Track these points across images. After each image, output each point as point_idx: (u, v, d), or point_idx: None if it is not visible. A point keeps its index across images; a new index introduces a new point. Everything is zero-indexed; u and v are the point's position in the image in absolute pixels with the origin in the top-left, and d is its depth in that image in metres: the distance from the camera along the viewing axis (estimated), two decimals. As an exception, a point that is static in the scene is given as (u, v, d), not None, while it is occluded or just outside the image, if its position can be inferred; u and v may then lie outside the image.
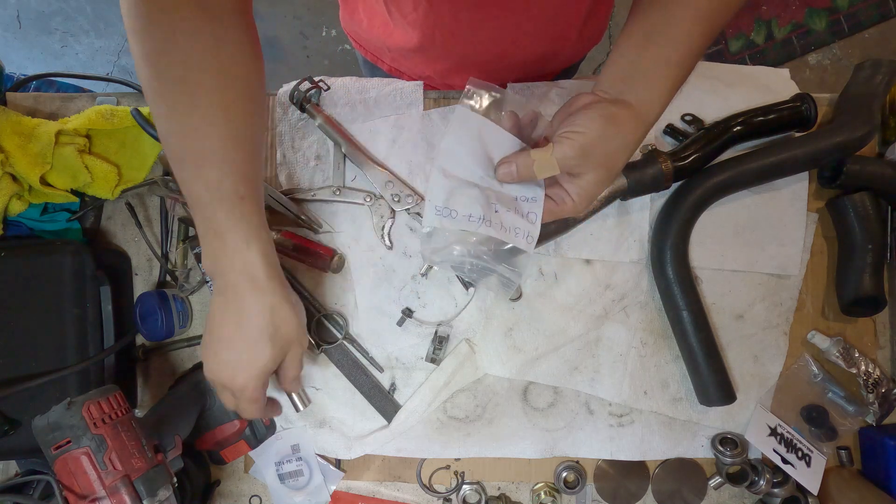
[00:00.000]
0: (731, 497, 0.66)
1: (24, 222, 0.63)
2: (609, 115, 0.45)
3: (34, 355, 0.56)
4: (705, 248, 0.65)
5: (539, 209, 0.52)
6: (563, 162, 0.47)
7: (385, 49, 0.72)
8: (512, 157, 0.50)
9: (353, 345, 0.64)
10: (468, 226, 0.51)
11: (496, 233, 0.51)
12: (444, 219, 0.52)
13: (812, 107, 0.62)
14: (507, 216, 0.52)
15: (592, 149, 0.46)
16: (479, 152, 0.52)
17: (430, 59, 0.69)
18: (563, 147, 0.46)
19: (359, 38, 0.77)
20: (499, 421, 0.64)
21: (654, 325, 0.65)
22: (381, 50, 0.74)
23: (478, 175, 0.53)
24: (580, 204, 0.49)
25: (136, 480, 0.46)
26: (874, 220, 0.63)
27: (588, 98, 0.48)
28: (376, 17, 0.68)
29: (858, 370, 0.64)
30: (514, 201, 0.52)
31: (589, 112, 0.46)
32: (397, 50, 0.70)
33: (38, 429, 0.45)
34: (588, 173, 0.47)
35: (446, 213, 0.52)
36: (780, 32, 1.76)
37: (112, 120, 0.62)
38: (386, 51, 0.72)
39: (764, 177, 0.62)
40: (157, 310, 0.61)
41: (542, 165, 0.48)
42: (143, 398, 0.65)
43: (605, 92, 0.47)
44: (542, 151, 0.47)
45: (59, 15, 1.83)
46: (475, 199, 0.52)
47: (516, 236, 0.52)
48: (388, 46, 0.70)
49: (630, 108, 0.46)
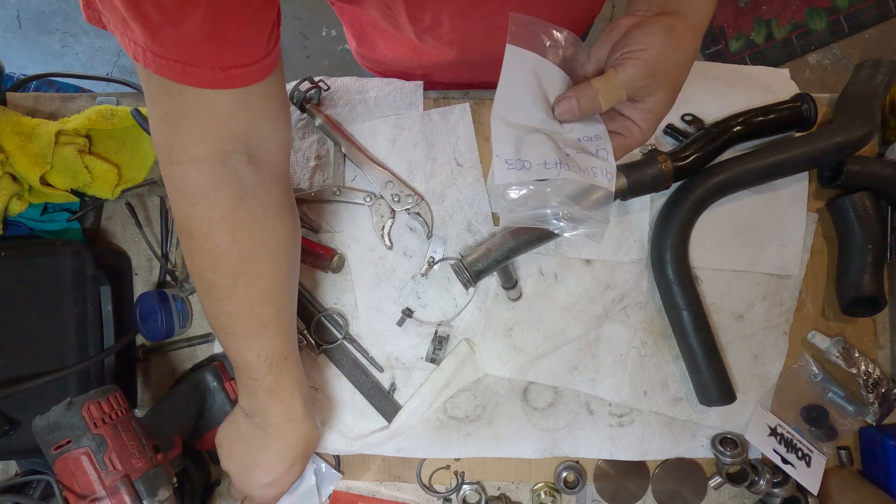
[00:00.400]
0: (731, 497, 0.65)
1: (24, 222, 0.63)
2: (666, 27, 0.43)
3: (34, 355, 0.55)
4: (705, 248, 0.65)
5: (608, 144, 0.48)
6: (629, 85, 0.43)
7: (416, 66, 0.71)
8: (570, 92, 0.46)
9: (353, 345, 0.64)
10: (546, 173, 0.46)
11: (576, 175, 0.46)
12: (517, 172, 0.46)
13: (812, 107, 0.62)
14: (579, 157, 0.47)
15: (657, 65, 0.43)
16: (537, 93, 0.47)
17: (464, 67, 0.68)
18: (627, 69, 0.43)
19: (380, 66, 0.75)
20: (499, 421, 0.64)
21: (654, 325, 0.65)
22: (411, 68, 0.72)
23: (539, 118, 0.48)
24: (648, 130, 0.47)
25: (136, 480, 0.46)
26: (874, 220, 0.63)
27: (630, 20, 0.45)
28: (403, 46, 0.67)
29: (858, 370, 0.64)
30: (578, 143, 0.48)
31: (644, 28, 0.43)
32: (431, 66, 0.69)
33: (38, 429, 0.45)
34: (655, 93, 0.44)
35: (518, 165, 0.46)
36: (780, 32, 1.76)
37: (112, 120, 0.62)
38: (417, 68, 0.71)
39: (764, 177, 0.62)
40: (157, 310, 0.61)
41: (607, 94, 0.44)
42: (143, 398, 0.65)
43: (647, 10, 0.45)
44: (604, 79, 0.44)
45: (59, 15, 1.83)
46: (545, 145, 0.47)
47: (595, 176, 0.47)
48: (420, 64, 0.69)
49: (684, 18, 0.43)
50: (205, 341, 0.66)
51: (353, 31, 0.73)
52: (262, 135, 0.46)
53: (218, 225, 0.45)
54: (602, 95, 0.44)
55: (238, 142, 0.44)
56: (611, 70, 0.44)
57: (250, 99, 0.43)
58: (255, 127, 0.45)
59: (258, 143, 0.46)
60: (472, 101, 0.67)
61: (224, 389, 0.61)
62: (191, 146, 0.43)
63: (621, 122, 0.48)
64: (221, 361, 0.63)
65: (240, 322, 0.48)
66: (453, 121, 0.66)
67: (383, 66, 0.74)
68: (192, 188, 0.44)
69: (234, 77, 0.40)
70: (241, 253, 0.46)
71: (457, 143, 0.66)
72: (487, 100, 0.68)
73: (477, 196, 0.65)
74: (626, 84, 0.44)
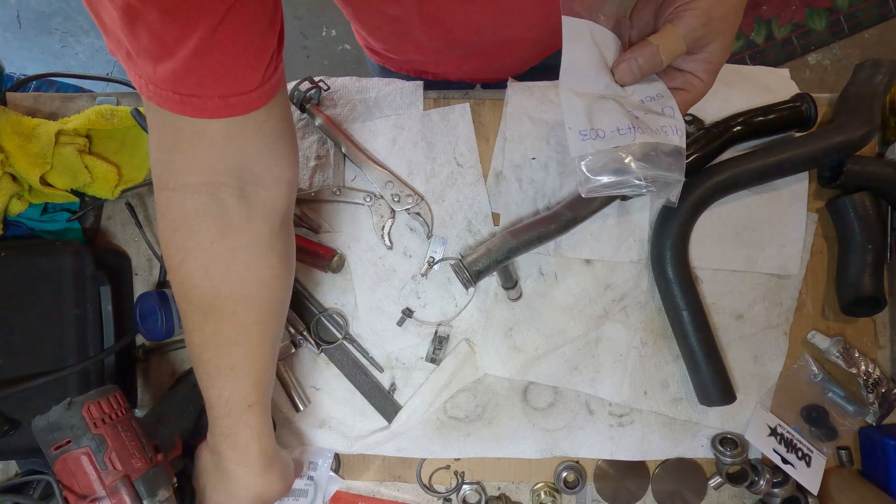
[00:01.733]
0: (731, 497, 0.65)
1: (24, 222, 0.63)
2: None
3: (34, 355, 0.55)
4: (705, 248, 0.65)
5: (671, 101, 0.48)
6: (688, 36, 0.43)
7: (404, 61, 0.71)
8: (628, 53, 0.46)
9: (353, 345, 0.64)
10: (620, 140, 0.46)
11: (650, 137, 0.46)
12: (592, 141, 0.46)
13: (812, 107, 0.62)
14: (648, 118, 0.47)
15: (714, 12, 0.42)
16: (598, 59, 0.47)
17: (454, 56, 0.68)
18: (684, 21, 0.42)
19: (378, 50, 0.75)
20: (499, 421, 0.64)
21: (654, 325, 0.65)
22: (403, 60, 0.73)
23: (603, 84, 0.47)
24: (709, 81, 0.46)
25: (136, 480, 0.46)
26: (874, 220, 0.63)
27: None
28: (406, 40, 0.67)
29: (858, 370, 0.64)
30: (642, 104, 0.48)
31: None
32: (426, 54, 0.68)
33: (38, 429, 0.45)
34: (713, 42, 0.44)
35: (592, 134, 0.46)
36: (780, 32, 1.76)
37: (112, 120, 0.62)
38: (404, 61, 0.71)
39: (764, 177, 0.62)
40: (157, 310, 0.61)
41: (666, 48, 0.44)
42: (143, 398, 0.65)
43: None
44: (661, 35, 0.44)
45: (59, 15, 1.83)
46: (615, 111, 0.46)
47: (667, 134, 0.47)
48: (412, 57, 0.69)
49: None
50: (205, 341, 0.66)
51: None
52: (257, 169, 0.44)
53: (194, 256, 0.44)
54: (662, 50, 0.44)
55: (229, 174, 0.43)
56: (667, 25, 0.44)
57: (243, 129, 0.41)
58: (249, 159, 0.43)
59: (252, 179, 0.44)
60: (471, 101, 0.67)
61: (224, 389, 0.61)
62: (182, 175, 0.42)
63: (681, 77, 0.47)
64: (221, 361, 0.63)
65: (207, 357, 0.47)
66: (453, 121, 0.66)
67: (381, 53, 0.74)
68: (175, 215, 0.43)
69: (231, 106, 0.39)
70: (214, 289, 0.44)
71: (457, 143, 0.66)
72: (487, 100, 0.68)
73: (477, 196, 0.65)
74: (685, 35, 0.43)
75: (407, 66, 0.76)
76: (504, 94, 0.67)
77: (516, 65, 0.72)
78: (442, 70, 0.75)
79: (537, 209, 0.65)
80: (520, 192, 0.65)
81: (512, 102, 0.66)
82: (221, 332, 0.46)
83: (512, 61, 0.70)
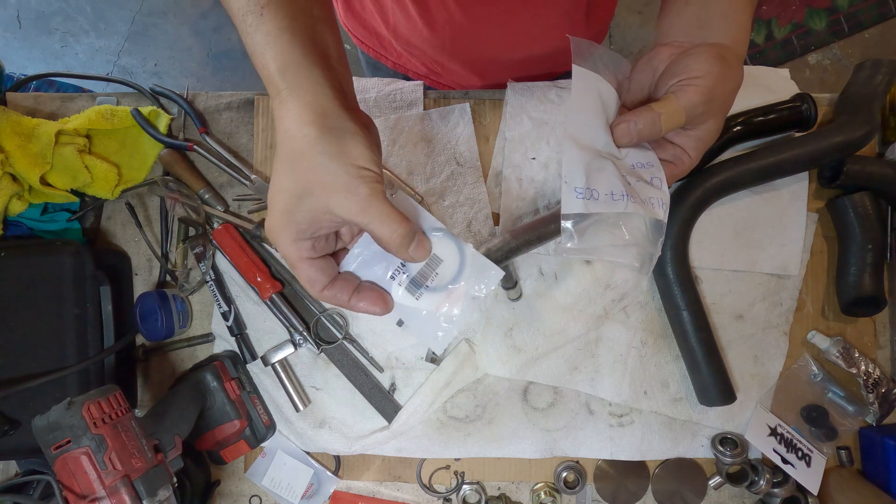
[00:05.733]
0: (731, 497, 0.66)
1: (24, 222, 0.63)
2: (719, 55, 0.42)
3: (34, 355, 0.55)
4: (705, 248, 0.65)
5: (661, 172, 0.47)
6: (690, 111, 0.43)
7: (391, 45, 0.70)
8: (629, 115, 0.45)
9: (353, 345, 0.64)
10: (612, 206, 0.43)
11: (640, 207, 0.44)
12: (586, 202, 0.43)
13: (812, 107, 0.62)
14: (639, 186, 0.45)
15: (715, 92, 0.42)
16: (601, 114, 0.46)
17: (445, 54, 0.68)
18: (688, 95, 0.42)
19: (361, 34, 0.76)
20: (499, 421, 0.64)
21: (654, 325, 0.65)
22: (387, 43, 0.72)
23: (603, 141, 0.46)
24: (696, 159, 0.46)
25: (136, 480, 0.46)
26: (874, 220, 0.63)
27: (670, 49, 0.45)
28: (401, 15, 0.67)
29: (858, 370, 0.64)
30: (633, 170, 0.47)
31: (698, 56, 0.43)
32: (415, 44, 0.68)
33: (38, 429, 0.45)
34: (708, 121, 0.44)
35: (588, 194, 0.43)
36: (780, 32, 1.76)
37: (112, 120, 0.62)
38: (392, 44, 0.71)
39: (764, 177, 0.62)
40: (157, 310, 0.61)
41: (669, 118, 0.43)
42: (143, 398, 0.65)
43: (684, 41, 0.45)
44: (664, 104, 0.43)
45: (59, 15, 1.83)
46: (612, 173, 0.44)
47: (653, 207, 0.46)
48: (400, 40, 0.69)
49: (728, 48, 0.43)
50: (205, 341, 0.66)
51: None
52: None
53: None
54: (664, 119, 0.43)
55: None
56: (670, 95, 0.44)
57: None
58: None
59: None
60: (471, 101, 0.67)
61: (224, 389, 0.61)
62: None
63: (671, 150, 0.47)
64: (221, 361, 0.63)
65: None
66: (453, 121, 0.66)
67: (364, 35, 0.75)
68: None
69: None
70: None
71: (457, 143, 0.66)
72: (487, 100, 0.68)
73: (477, 196, 0.65)
74: (687, 109, 0.43)
75: (414, 75, 0.76)
76: (504, 94, 0.67)
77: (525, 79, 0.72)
78: (446, 81, 0.75)
79: (537, 209, 0.65)
80: (520, 192, 0.65)
81: (512, 102, 0.66)
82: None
83: (524, 78, 0.70)
